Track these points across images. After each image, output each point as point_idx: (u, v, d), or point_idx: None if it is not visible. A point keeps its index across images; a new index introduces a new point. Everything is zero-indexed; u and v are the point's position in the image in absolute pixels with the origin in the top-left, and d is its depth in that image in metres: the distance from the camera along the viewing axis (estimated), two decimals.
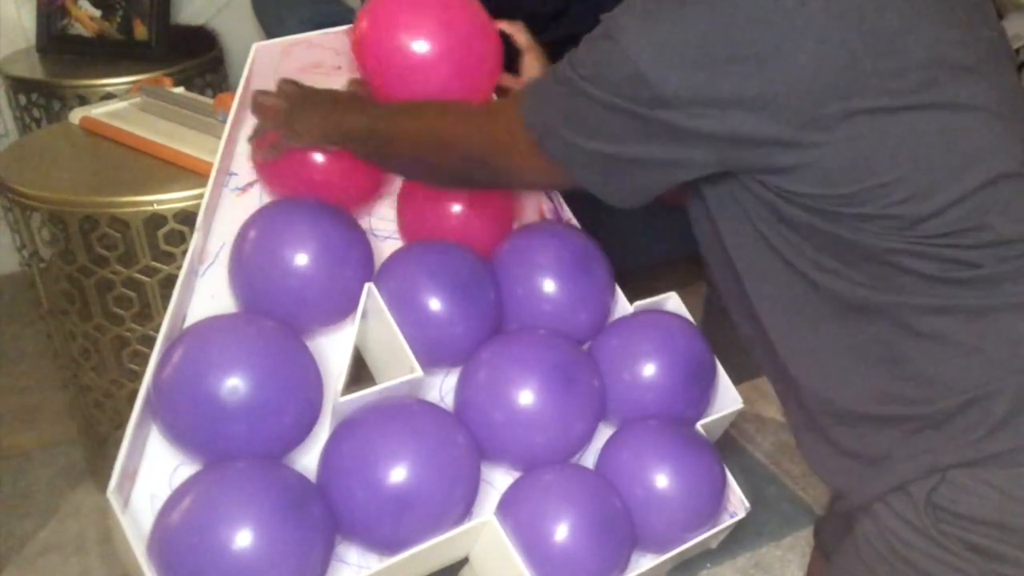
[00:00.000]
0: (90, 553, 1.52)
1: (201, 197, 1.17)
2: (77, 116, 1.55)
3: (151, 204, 1.30)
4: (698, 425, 1.28)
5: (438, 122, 0.96)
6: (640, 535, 1.19)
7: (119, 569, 1.39)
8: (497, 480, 1.21)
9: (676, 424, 1.24)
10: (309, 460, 1.11)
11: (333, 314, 1.18)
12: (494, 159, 0.90)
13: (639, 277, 1.44)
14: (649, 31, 0.74)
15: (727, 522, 1.25)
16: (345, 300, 1.17)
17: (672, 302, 1.39)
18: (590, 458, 1.27)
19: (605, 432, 1.27)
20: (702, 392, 1.30)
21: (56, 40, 2.09)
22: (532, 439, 1.17)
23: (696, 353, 1.28)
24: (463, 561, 1.22)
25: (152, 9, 2.01)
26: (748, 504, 1.27)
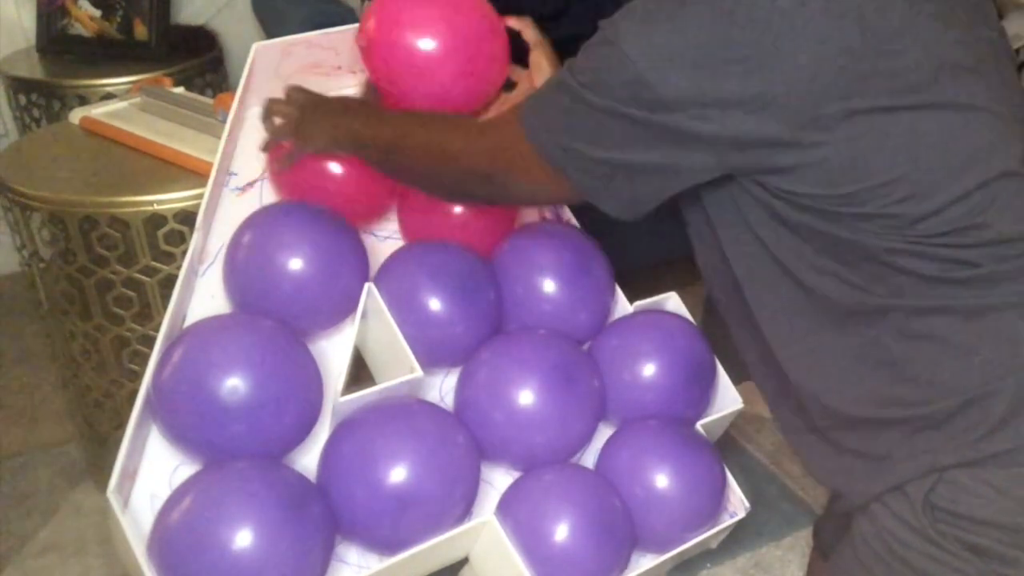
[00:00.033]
0: (90, 553, 1.52)
1: (201, 197, 1.17)
2: (77, 116, 1.55)
3: (151, 204, 1.30)
4: (698, 425, 1.28)
5: (442, 137, 0.96)
6: (640, 535, 1.19)
7: (119, 569, 1.39)
8: (497, 480, 1.21)
9: (676, 424, 1.24)
10: (309, 460, 1.11)
11: (328, 318, 1.17)
12: (497, 174, 0.90)
13: (639, 277, 1.44)
14: (649, 34, 0.74)
15: (727, 522, 1.25)
16: (339, 304, 1.16)
17: (672, 302, 1.39)
18: (590, 458, 1.27)
19: (605, 432, 1.27)
20: (702, 392, 1.30)
21: (56, 40, 2.09)
22: (532, 439, 1.17)
23: (696, 353, 1.28)
24: (463, 561, 1.22)
25: (152, 9, 2.01)
26: (748, 504, 1.26)
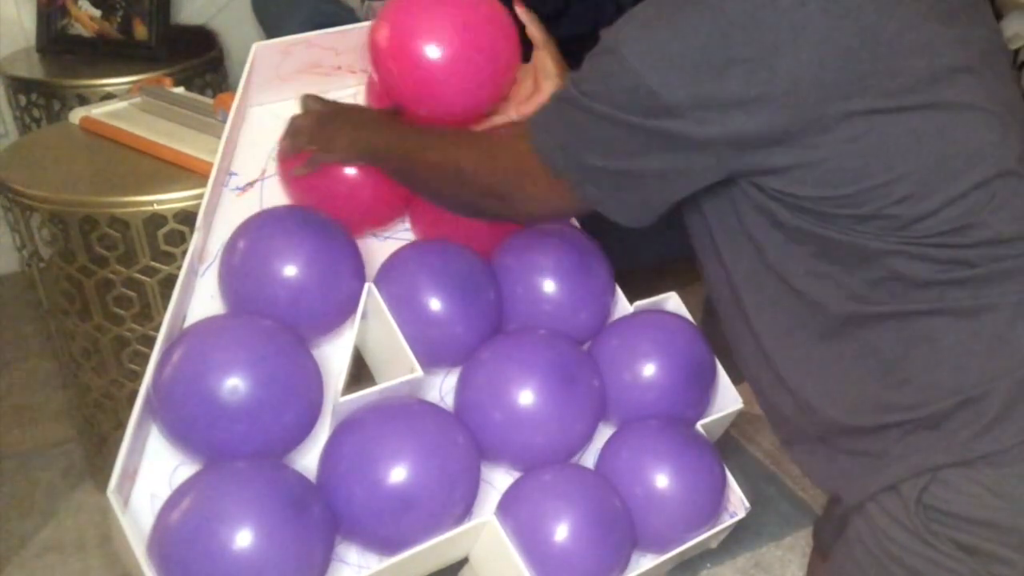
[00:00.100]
0: (90, 553, 1.51)
1: (201, 197, 1.17)
2: (77, 116, 1.55)
3: (151, 204, 1.30)
4: (698, 425, 1.28)
5: (454, 155, 0.96)
6: (640, 535, 1.19)
7: (119, 569, 1.39)
8: (497, 480, 1.21)
9: (676, 424, 1.24)
10: (309, 460, 1.11)
11: (325, 324, 1.17)
12: (509, 191, 0.91)
13: (639, 277, 1.44)
14: (649, 39, 0.74)
15: (727, 522, 1.25)
16: (336, 310, 1.16)
17: (672, 302, 1.39)
18: (590, 458, 1.27)
19: (605, 432, 1.27)
20: (702, 392, 1.30)
21: (56, 40, 2.09)
22: (532, 439, 1.17)
23: (696, 353, 1.28)
24: (463, 561, 1.22)
25: (152, 9, 2.01)
26: (748, 504, 1.27)
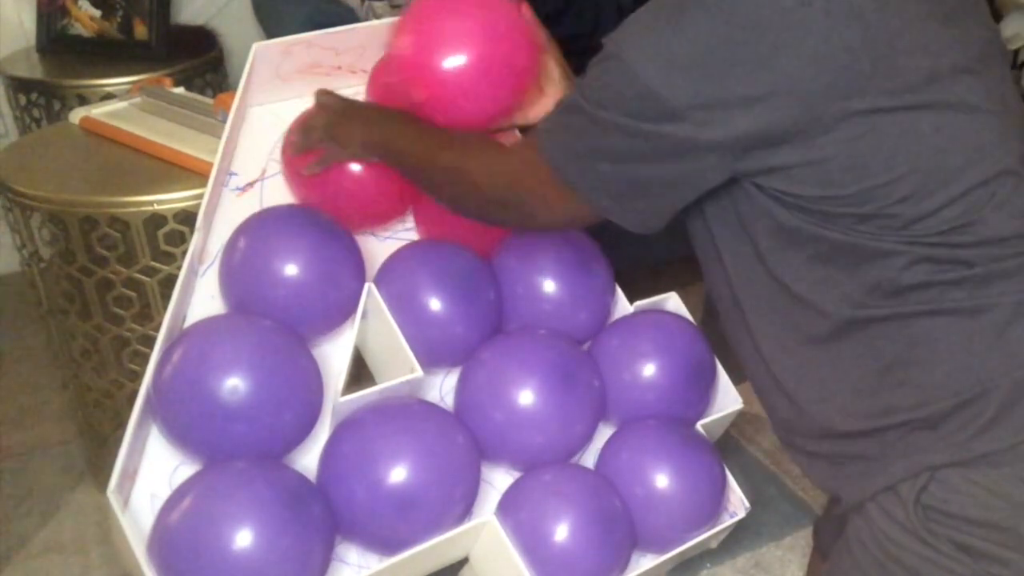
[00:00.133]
0: (90, 553, 1.52)
1: (201, 197, 1.17)
2: (77, 116, 1.55)
3: (151, 204, 1.30)
4: (698, 425, 1.28)
5: (464, 163, 0.96)
6: (640, 535, 1.19)
7: (119, 569, 1.39)
8: (497, 480, 1.21)
9: (676, 424, 1.24)
10: (309, 460, 1.11)
11: (325, 324, 1.17)
12: (517, 200, 0.91)
13: (639, 277, 1.44)
14: (651, 43, 0.74)
15: (727, 522, 1.25)
16: (336, 310, 1.16)
17: (672, 302, 1.39)
18: (590, 458, 1.27)
19: (605, 432, 1.27)
20: (702, 392, 1.30)
21: (56, 40, 2.09)
22: (532, 439, 1.17)
23: (696, 353, 1.28)
24: (463, 561, 1.22)
25: (152, 9, 2.01)
26: (748, 504, 1.27)
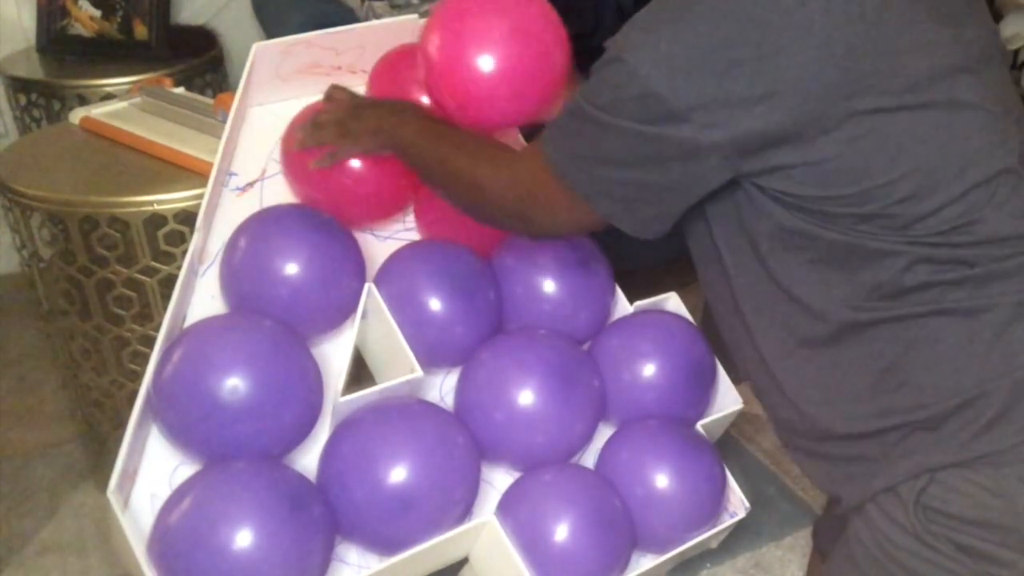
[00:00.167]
0: (90, 553, 1.51)
1: (201, 197, 1.17)
2: (77, 116, 1.55)
3: (151, 204, 1.30)
4: (698, 425, 1.28)
5: (474, 169, 0.96)
6: (640, 535, 1.19)
7: (119, 569, 1.39)
8: (497, 480, 1.21)
9: (676, 424, 1.24)
10: (309, 460, 1.11)
11: (326, 323, 1.17)
12: (523, 207, 0.91)
13: (639, 277, 1.44)
14: (652, 44, 0.74)
15: (727, 522, 1.25)
16: (337, 309, 1.16)
17: (672, 302, 1.39)
18: (590, 458, 1.27)
19: (605, 432, 1.27)
20: (702, 392, 1.30)
21: (56, 40, 2.09)
22: (532, 439, 1.17)
23: (696, 353, 1.28)
24: (463, 561, 1.22)
25: (152, 9, 2.01)
26: (748, 504, 1.27)
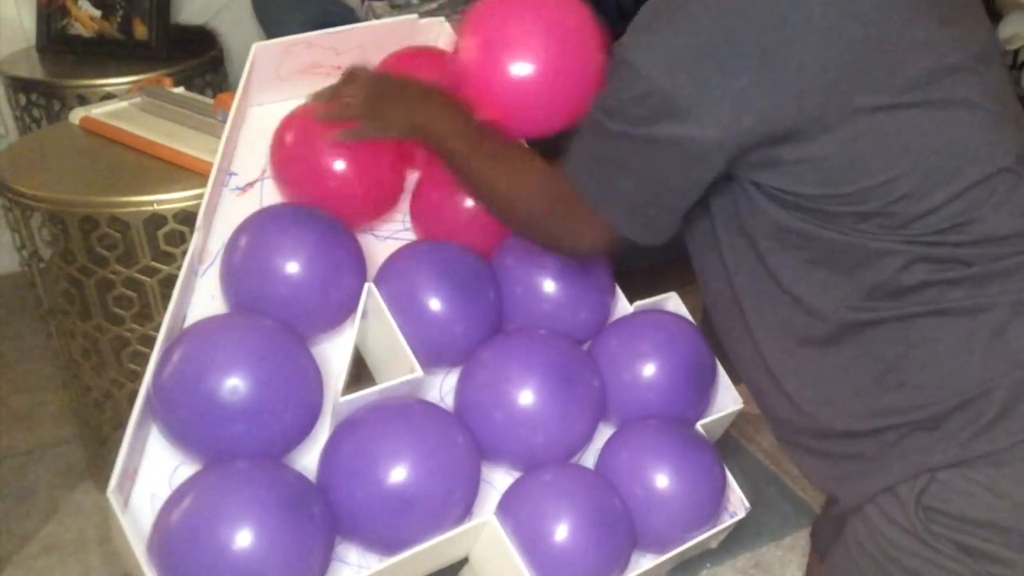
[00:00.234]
0: (90, 553, 1.51)
1: (201, 197, 1.17)
2: (77, 116, 1.55)
3: (151, 204, 1.30)
4: (698, 425, 1.28)
5: (498, 179, 0.96)
6: (640, 535, 1.19)
7: (119, 569, 1.39)
8: (497, 480, 1.21)
9: (676, 424, 1.24)
10: (309, 460, 1.11)
11: (326, 322, 1.17)
12: (549, 221, 0.91)
13: (639, 277, 1.44)
14: (654, 43, 0.75)
15: (727, 522, 1.25)
16: (337, 308, 1.16)
17: (672, 302, 1.39)
18: (590, 458, 1.27)
19: (605, 432, 1.26)
20: (702, 392, 1.30)
21: (56, 40, 2.09)
22: (532, 439, 1.17)
23: (696, 353, 1.28)
24: (463, 561, 1.22)
25: (152, 9, 2.01)
26: (748, 504, 1.26)
